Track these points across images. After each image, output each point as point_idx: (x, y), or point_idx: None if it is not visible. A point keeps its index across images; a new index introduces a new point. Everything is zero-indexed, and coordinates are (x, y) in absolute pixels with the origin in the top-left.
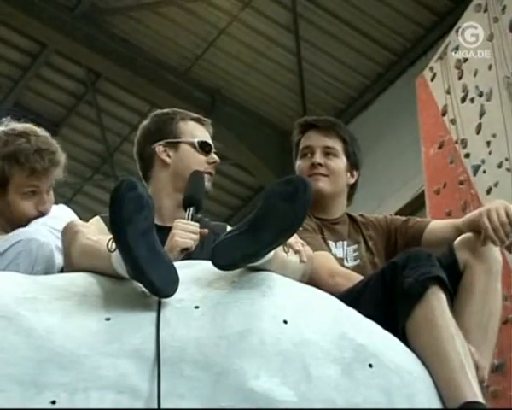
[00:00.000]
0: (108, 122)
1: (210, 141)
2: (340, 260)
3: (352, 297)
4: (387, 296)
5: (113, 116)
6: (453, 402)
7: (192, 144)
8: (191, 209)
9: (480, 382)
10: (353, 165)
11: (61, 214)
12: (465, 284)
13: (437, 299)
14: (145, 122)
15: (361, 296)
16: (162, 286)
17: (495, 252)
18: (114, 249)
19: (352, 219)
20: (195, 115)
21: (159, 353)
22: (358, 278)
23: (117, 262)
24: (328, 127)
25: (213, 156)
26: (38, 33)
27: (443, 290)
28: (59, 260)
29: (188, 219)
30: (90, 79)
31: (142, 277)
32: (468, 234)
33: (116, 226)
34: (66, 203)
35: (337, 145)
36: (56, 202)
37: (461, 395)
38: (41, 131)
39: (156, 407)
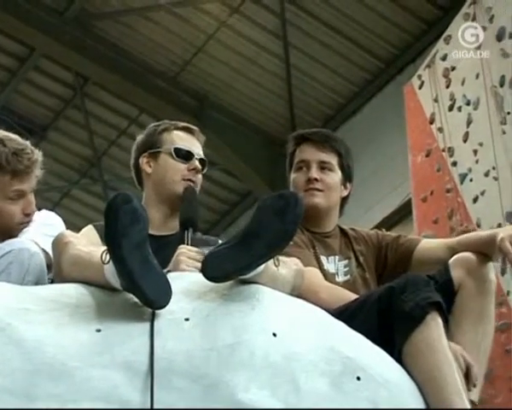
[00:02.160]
0: (96, 126)
1: (191, 148)
2: (333, 276)
3: (345, 316)
4: (383, 319)
5: (101, 120)
6: None
7: (169, 153)
8: (190, 232)
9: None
10: (347, 178)
11: (53, 221)
12: (460, 303)
13: (436, 324)
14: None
15: (355, 317)
16: (155, 298)
17: (491, 273)
18: (108, 261)
19: (343, 232)
20: (182, 124)
21: (152, 364)
22: (344, 294)
23: (110, 274)
24: (324, 141)
25: (193, 163)
26: (27, 37)
27: (440, 316)
28: None
29: (188, 243)
30: (78, 83)
31: (135, 289)
32: (466, 254)
33: (111, 239)
34: (54, 207)
35: (332, 159)
36: (44, 207)
37: None
38: (11, 134)
39: None
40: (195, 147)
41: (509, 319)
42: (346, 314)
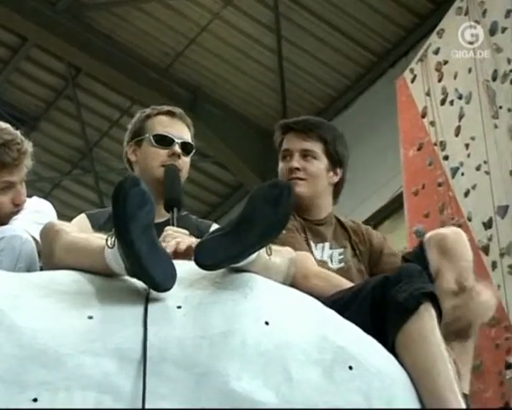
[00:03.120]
0: (88, 117)
1: (172, 133)
2: (323, 262)
3: (339, 305)
4: (376, 309)
5: (92, 111)
6: None
7: (149, 140)
8: (175, 211)
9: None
10: (336, 163)
11: (43, 209)
12: (440, 292)
13: (429, 315)
14: None
15: (349, 307)
16: (161, 281)
17: (467, 249)
18: (113, 245)
19: (340, 223)
20: (166, 108)
21: (145, 352)
22: (338, 279)
23: (112, 258)
24: (308, 130)
25: (172, 148)
26: (19, 27)
27: (434, 307)
28: None
29: (174, 223)
30: (70, 73)
31: (142, 272)
32: (440, 232)
33: (120, 222)
34: (45, 198)
35: (316, 147)
36: (34, 196)
37: None
38: (1, 123)
39: (140, 407)
40: (177, 131)
41: (499, 314)
42: (339, 304)
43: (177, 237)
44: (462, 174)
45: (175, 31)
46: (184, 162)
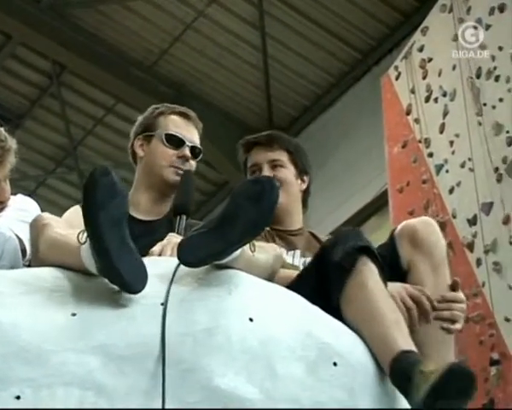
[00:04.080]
0: (73, 115)
1: (184, 134)
2: (292, 267)
3: (291, 286)
4: (320, 276)
5: (77, 109)
6: (389, 354)
7: (160, 138)
8: (183, 219)
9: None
10: (302, 171)
11: (29, 207)
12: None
13: (369, 270)
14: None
15: (299, 283)
16: (132, 281)
17: (439, 238)
18: (85, 241)
19: (314, 236)
20: (179, 109)
21: (164, 352)
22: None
23: (86, 256)
24: (271, 141)
25: (183, 150)
26: (4, 25)
27: (374, 263)
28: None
29: (179, 230)
30: (54, 71)
31: (111, 269)
32: (410, 222)
33: (88, 212)
34: (30, 196)
35: (282, 156)
36: (19, 194)
37: (396, 347)
38: None
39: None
40: (189, 134)
41: (483, 311)
42: (292, 285)
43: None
44: (447, 171)
45: (160, 28)
46: (191, 166)
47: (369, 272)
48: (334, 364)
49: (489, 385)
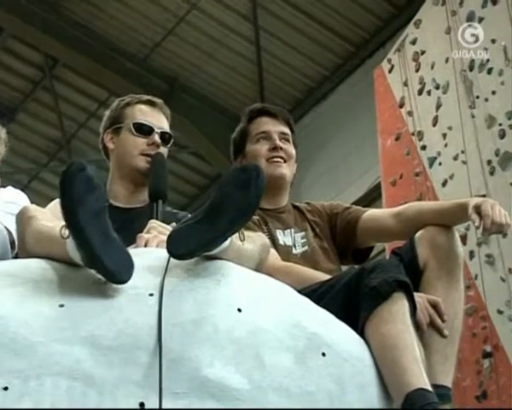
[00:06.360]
0: (65, 109)
1: (152, 122)
2: (289, 248)
3: (315, 296)
4: (350, 300)
5: (70, 103)
6: (405, 388)
7: (129, 128)
8: (159, 204)
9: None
10: (297, 154)
11: (18, 200)
12: (426, 284)
13: (402, 303)
14: None
15: (322, 299)
16: (117, 271)
17: (458, 247)
18: (68, 236)
19: (296, 208)
20: (145, 98)
21: (160, 344)
22: (299, 270)
23: (71, 249)
24: (282, 114)
25: (152, 138)
26: None
27: (408, 300)
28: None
29: (157, 216)
30: (47, 64)
31: (95, 260)
32: (431, 228)
33: (67, 208)
34: (23, 190)
35: (289, 133)
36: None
37: (414, 382)
38: None
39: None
40: (157, 120)
41: (476, 303)
42: (314, 296)
43: (162, 232)
44: (440, 164)
45: (153, 21)
46: (163, 152)
47: (402, 305)
48: (323, 354)
49: (482, 377)
